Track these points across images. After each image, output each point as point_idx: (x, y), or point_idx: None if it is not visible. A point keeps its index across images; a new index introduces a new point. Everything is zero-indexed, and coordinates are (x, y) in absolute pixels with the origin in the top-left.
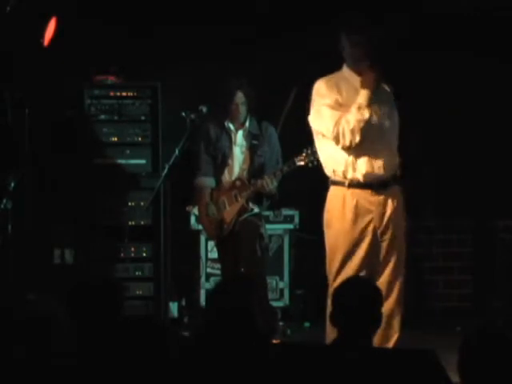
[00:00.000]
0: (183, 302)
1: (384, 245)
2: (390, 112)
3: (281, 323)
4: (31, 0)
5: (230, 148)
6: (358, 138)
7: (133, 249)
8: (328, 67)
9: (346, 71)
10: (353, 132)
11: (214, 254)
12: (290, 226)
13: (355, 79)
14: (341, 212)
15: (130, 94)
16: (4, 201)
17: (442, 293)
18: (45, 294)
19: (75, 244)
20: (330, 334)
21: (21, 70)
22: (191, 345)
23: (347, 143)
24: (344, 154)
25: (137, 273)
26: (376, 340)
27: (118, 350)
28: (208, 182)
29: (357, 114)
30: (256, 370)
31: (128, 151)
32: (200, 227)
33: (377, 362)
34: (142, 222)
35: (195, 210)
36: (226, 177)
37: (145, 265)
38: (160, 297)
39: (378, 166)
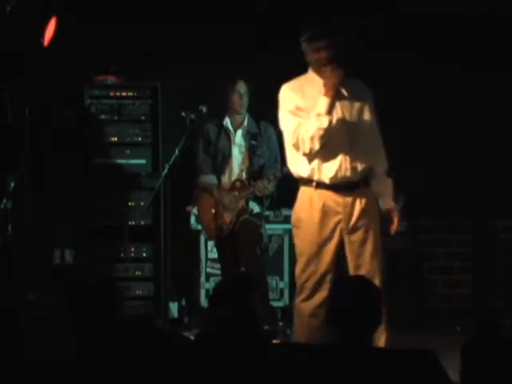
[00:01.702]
0: (183, 302)
1: (354, 247)
2: (361, 113)
3: (281, 323)
4: (31, 0)
5: (230, 148)
6: (317, 146)
7: (133, 249)
8: None
9: (311, 74)
10: (312, 139)
11: (214, 254)
12: (290, 226)
13: (321, 82)
14: (308, 213)
15: (130, 93)
16: (4, 201)
17: (441, 293)
18: (45, 293)
19: (75, 244)
20: (298, 333)
21: (21, 69)
22: (191, 345)
23: (307, 150)
24: (311, 160)
25: (137, 273)
26: None
27: (118, 350)
28: (212, 179)
29: (316, 122)
30: (256, 370)
31: (128, 151)
32: (200, 227)
33: (377, 362)
34: (142, 222)
35: (195, 210)
36: (226, 177)
37: (145, 265)
38: (160, 297)
39: (346, 168)
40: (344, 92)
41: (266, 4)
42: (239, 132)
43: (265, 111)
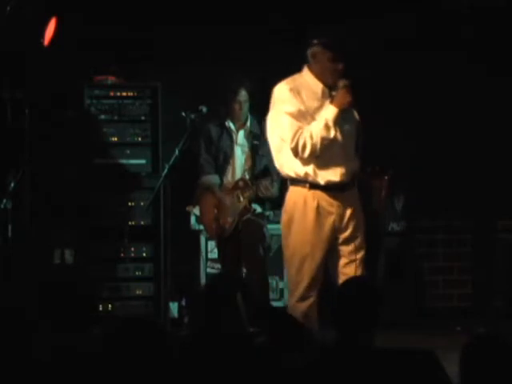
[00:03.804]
0: (183, 302)
1: (343, 246)
2: (353, 120)
3: None
4: (31, 0)
5: (232, 148)
6: (318, 153)
7: (133, 249)
8: None
9: (307, 76)
10: (315, 147)
11: (214, 254)
12: None
13: (317, 86)
14: (302, 213)
15: (130, 93)
16: (4, 201)
17: (442, 293)
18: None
19: (75, 244)
20: None
21: (21, 70)
22: (189, 345)
23: (306, 156)
24: (306, 162)
25: (137, 273)
26: None
27: (117, 350)
28: (214, 179)
29: (323, 131)
30: (256, 369)
31: (128, 151)
32: (200, 227)
33: (377, 362)
34: (142, 222)
35: (195, 210)
36: (229, 177)
37: (145, 265)
38: (160, 297)
39: (341, 173)
40: None
41: (266, 4)
42: (241, 132)
43: (265, 111)
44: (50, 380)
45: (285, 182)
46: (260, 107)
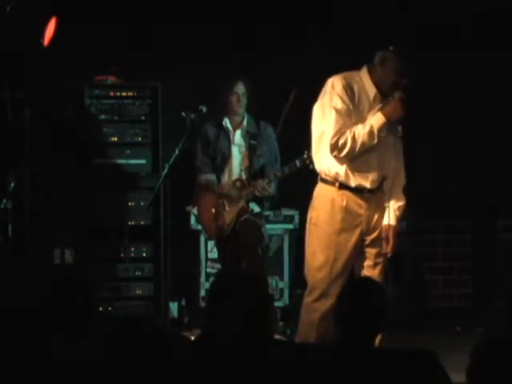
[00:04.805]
0: (183, 302)
1: (369, 248)
2: (395, 130)
3: (281, 323)
4: (31, 0)
5: (229, 148)
6: (354, 155)
7: (133, 249)
8: (328, 67)
9: (364, 76)
10: (353, 149)
11: (214, 254)
12: (290, 226)
13: (371, 89)
14: (329, 212)
15: (130, 93)
16: (4, 201)
17: (442, 293)
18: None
19: (75, 244)
20: (306, 332)
21: (21, 70)
22: (191, 345)
23: (342, 155)
24: (340, 162)
25: (137, 273)
26: None
27: (117, 351)
28: (213, 177)
29: (365, 136)
30: (256, 369)
31: (128, 151)
32: (200, 227)
33: (377, 362)
34: (142, 222)
35: (195, 210)
36: (226, 177)
37: (145, 265)
38: (160, 297)
39: (371, 180)
40: None
41: (266, 4)
42: (238, 132)
43: (265, 112)
44: (50, 380)
45: (288, 181)
46: (257, 107)
